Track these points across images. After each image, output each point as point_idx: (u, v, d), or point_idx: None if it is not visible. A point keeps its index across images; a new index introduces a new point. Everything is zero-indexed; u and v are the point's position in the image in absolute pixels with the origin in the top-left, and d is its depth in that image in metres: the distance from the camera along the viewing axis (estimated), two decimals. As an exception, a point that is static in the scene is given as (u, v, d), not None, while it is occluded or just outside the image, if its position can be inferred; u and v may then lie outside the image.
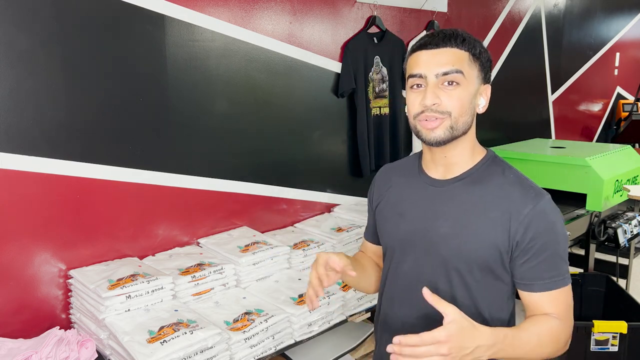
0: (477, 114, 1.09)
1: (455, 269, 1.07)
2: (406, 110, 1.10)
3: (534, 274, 1.04)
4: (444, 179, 1.11)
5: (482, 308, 1.08)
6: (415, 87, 1.05)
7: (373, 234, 1.29)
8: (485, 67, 1.07)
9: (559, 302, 1.05)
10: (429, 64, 1.03)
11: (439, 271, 1.09)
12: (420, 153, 1.19)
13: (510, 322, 1.14)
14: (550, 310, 1.04)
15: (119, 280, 1.64)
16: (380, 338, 1.24)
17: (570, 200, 2.97)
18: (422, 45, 1.05)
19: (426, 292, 0.92)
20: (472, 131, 1.09)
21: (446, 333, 0.88)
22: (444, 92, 1.02)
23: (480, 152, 1.12)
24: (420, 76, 1.03)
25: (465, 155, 1.09)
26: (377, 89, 2.62)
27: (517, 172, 1.11)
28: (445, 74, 1.01)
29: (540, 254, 1.02)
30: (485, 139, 3.52)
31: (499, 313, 1.10)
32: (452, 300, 1.06)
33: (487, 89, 1.09)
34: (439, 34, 1.04)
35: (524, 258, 1.03)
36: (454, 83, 1.02)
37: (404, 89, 1.10)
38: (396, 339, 0.89)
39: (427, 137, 1.05)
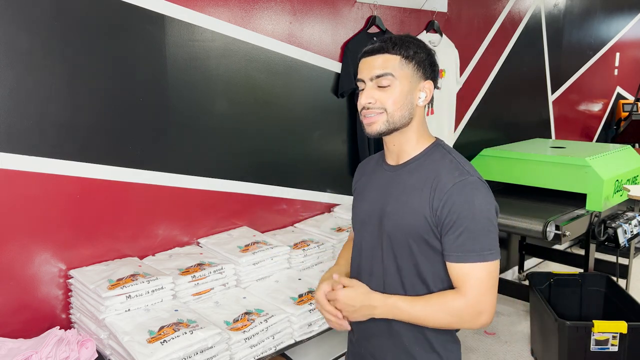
0: (421, 106, 1.24)
1: (397, 241, 1.22)
2: None
3: (451, 245, 1.15)
4: (396, 165, 1.28)
5: (426, 278, 1.21)
6: (360, 91, 1.23)
7: None
8: (422, 66, 1.21)
9: (469, 277, 1.14)
10: (365, 70, 1.21)
11: (385, 245, 1.25)
12: None
13: None
14: (460, 283, 1.15)
15: (119, 280, 1.64)
16: None
17: (570, 200, 2.98)
18: (362, 54, 1.23)
19: (335, 275, 1.25)
20: (416, 121, 1.24)
21: (341, 293, 1.19)
22: (380, 92, 1.19)
23: (426, 141, 1.27)
24: (362, 80, 1.22)
25: (412, 143, 1.25)
26: (377, 89, 2.62)
27: (458, 158, 1.23)
28: (378, 76, 1.19)
29: (458, 227, 1.14)
30: (486, 139, 3.53)
31: (443, 283, 1.21)
32: (398, 270, 1.23)
33: (428, 84, 1.23)
34: (375, 43, 1.21)
35: (444, 231, 1.16)
36: (387, 85, 1.18)
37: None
38: (315, 296, 1.26)
39: (367, 131, 1.23)
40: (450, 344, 1.27)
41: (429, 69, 1.23)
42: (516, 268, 4.02)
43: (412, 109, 1.22)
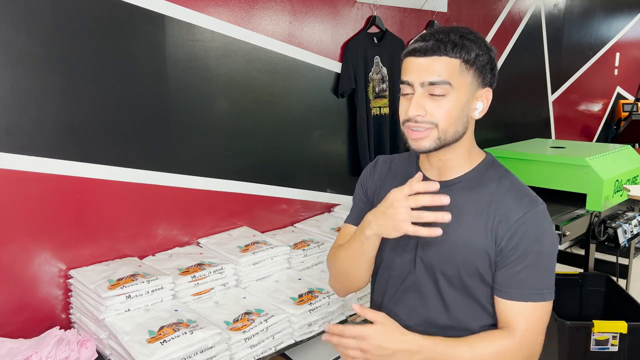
0: (475, 119, 1.07)
1: (442, 273, 1.06)
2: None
3: (508, 280, 1.01)
4: (440, 181, 1.08)
5: (451, 309, 1.07)
6: (404, 94, 1.04)
7: (360, 219, 1.15)
8: (483, 71, 1.03)
9: (525, 317, 1.00)
10: (416, 72, 1.01)
11: (426, 274, 1.08)
12: None
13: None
14: (512, 322, 1.00)
15: (119, 280, 1.64)
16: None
17: (570, 200, 2.97)
18: (413, 51, 1.02)
19: (355, 306, 0.98)
20: (469, 136, 1.07)
21: (371, 330, 0.95)
22: (431, 102, 1.00)
23: (478, 156, 1.10)
24: (408, 83, 1.02)
25: (461, 159, 1.08)
26: (377, 89, 2.62)
27: (515, 179, 1.08)
28: (432, 83, 0.99)
29: (521, 261, 1.00)
30: (486, 139, 3.53)
31: (482, 321, 1.08)
32: (441, 301, 1.06)
33: (487, 92, 1.05)
34: (430, 38, 1.01)
35: (504, 263, 1.01)
36: (441, 94, 0.99)
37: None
38: (328, 326, 0.99)
39: (413, 146, 1.04)
40: None
41: (489, 74, 1.05)
42: (516, 268, 4.02)
43: (467, 122, 1.04)
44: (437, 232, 0.95)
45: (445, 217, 0.94)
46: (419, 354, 0.97)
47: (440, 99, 0.99)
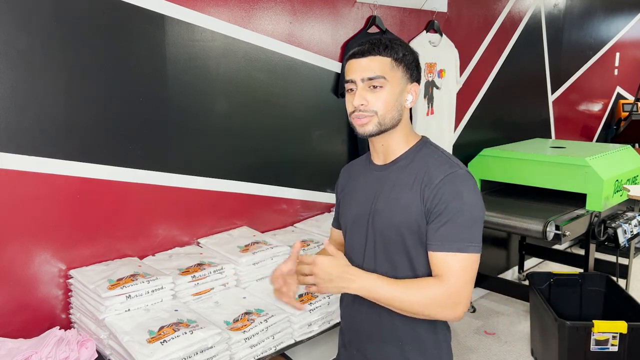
0: (408, 107, 1.26)
1: (390, 238, 1.23)
2: None
3: (434, 234, 1.17)
4: (384, 164, 1.29)
5: (419, 271, 1.22)
6: (349, 90, 1.24)
7: (338, 221, 1.45)
8: (410, 68, 1.23)
9: (450, 266, 1.14)
10: (357, 71, 1.21)
11: (378, 242, 1.25)
12: None
13: None
14: (440, 271, 1.15)
15: (119, 280, 1.64)
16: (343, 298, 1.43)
17: (570, 200, 2.98)
18: (353, 55, 1.23)
19: (325, 242, 1.22)
20: (404, 122, 1.26)
21: (322, 259, 1.16)
22: (370, 94, 1.20)
23: (413, 139, 1.29)
24: (352, 81, 1.22)
25: (400, 143, 1.27)
26: (377, 89, 2.62)
27: (444, 153, 1.26)
28: (370, 79, 1.19)
29: (443, 218, 1.15)
30: (486, 139, 3.53)
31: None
32: (392, 267, 1.23)
33: (415, 87, 1.25)
34: (366, 44, 1.22)
35: (430, 220, 1.17)
36: (378, 86, 1.19)
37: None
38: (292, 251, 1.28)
39: (359, 132, 1.24)
40: (445, 344, 1.29)
41: (416, 71, 1.25)
42: (516, 268, 4.02)
43: (401, 110, 1.24)
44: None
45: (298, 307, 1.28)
46: (355, 282, 1.15)
47: (378, 91, 1.20)
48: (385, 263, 1.25)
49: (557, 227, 2.61)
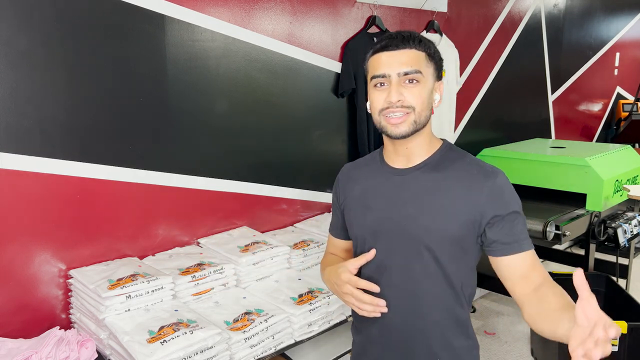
0: (435, 108, 1.19)
1: (425, 245, 1.13)
2: (368, 108, 1.19)
3: (503, 238, 1.10)
4: (406, 168, 1.18)
5: (453, 280, 1.15)
6: (379, 85, 1.13)
7: (341, 229, 1.32)
8: (438, 66, 1.16)
9: (530, 264, 1.10)
10: (390, 64, 1.11)
11: (410, 250, 1.15)
12: (381, 148, 1.27)
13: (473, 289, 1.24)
14: (521, 272, 1.10)
15: (119, 280, 1.64)
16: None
17: (570, 200, 2.97)
18: (382, 47, 1.13)
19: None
20: (430, 124, 1.18)
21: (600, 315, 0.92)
22: (406, 90, 1.10)
23: (436, 143, 1.21)
24: (384, 76, 1.11)
25: (424, 146, 1.18)
26: (377, 89, 2.62)
27: (474, 157, 1.20)
28: (407, 73, 1.10)
29: (506, 221, 1.10)
30: (486, 139, 3.53)
31: (468, 284, 1.19)
32: (426, 275, 1.14)
33: (440, 86, 1.18)
34: (397, 36, 1.12)
35: (493, 223, 1.10)
36: (415, 81, 1.10)
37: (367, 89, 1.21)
38: None
39: (392, 132, 1.13)
40: (474, 350, 1.26)
41: (440, 70, 1.18)
42: (516, 268, 4.02)
43: (431, 110, 1.16)
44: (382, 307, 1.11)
45: (380, 303, 1.10)
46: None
47: (414, 87, 1.10)
48: (419, 270, 1.16)
49: (557, 227, 2.61)
